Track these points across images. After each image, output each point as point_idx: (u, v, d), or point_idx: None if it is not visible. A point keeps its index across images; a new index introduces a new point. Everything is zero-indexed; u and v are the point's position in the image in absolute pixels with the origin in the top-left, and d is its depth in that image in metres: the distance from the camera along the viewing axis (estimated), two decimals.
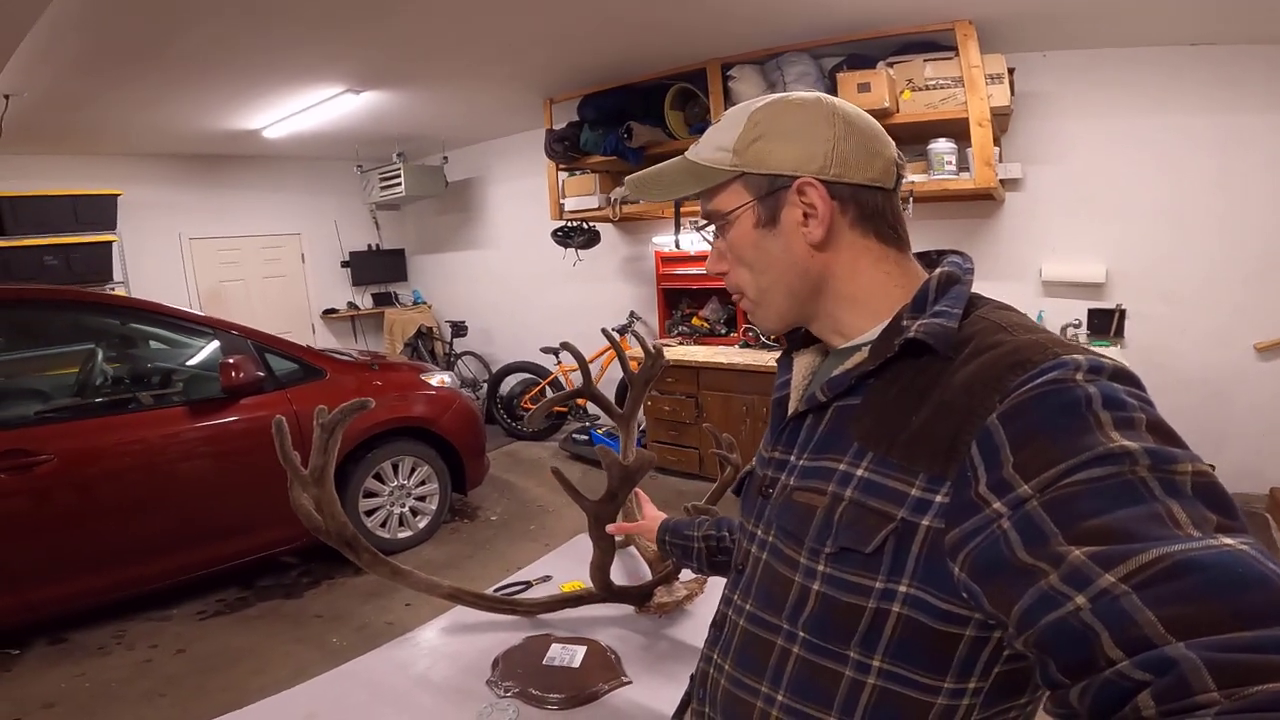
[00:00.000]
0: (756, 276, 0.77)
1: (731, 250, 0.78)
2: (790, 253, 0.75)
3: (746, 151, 0.74)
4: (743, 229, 0.76)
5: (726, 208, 0.76)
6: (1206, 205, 3.58)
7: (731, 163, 0.74)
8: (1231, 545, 0.45)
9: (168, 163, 6.10)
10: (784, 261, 0.75)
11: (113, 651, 2.97)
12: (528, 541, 3.91)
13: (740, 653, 0.77)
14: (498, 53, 3.99)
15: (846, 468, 0.68)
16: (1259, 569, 0.43)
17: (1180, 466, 0.51)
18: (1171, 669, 0.41)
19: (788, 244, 0.74)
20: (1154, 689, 0.41)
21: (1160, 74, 3.58)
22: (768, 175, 0.73)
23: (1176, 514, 0.48)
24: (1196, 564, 0.44)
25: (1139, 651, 0.43)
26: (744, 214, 0.75)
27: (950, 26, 3.48)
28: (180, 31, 3.20)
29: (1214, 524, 0.47)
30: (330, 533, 1.37)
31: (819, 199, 0.72)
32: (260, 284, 6.85)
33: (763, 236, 0.75)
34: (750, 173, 0.74)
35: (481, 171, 6.86)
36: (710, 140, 0.77)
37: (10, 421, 2.91)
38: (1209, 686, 0.39)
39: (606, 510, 1.36)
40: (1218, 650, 0.40)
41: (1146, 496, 0.49)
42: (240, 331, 3.46)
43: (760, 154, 0.73)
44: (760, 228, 0.75)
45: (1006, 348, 0.62)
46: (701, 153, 0.77)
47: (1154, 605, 0.44)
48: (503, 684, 1.29)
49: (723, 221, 0.77)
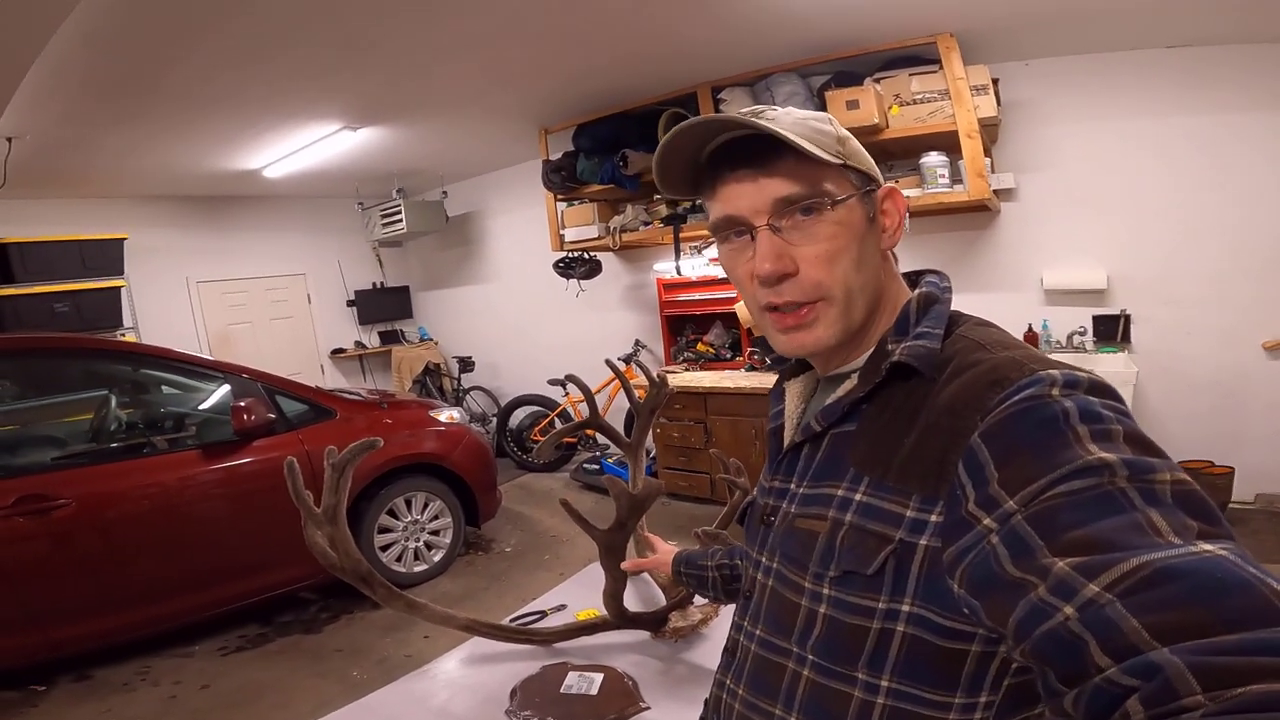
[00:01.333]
0: (856, 273, 0.72)
1: (828, 241, 0.71)
2: (877, 255, 0.75)
3: (846, 145, 0.73)
4: (854, 218, 0.72)
5: (840, 193, 0.72)
6: (1206, 205, 3.58)
7: (837, 151, 0.72)
8: (1212, 551, 0.46)
9: (171, 205, 6.17)
10: (874, 263, 0.74)
11: (138, 688, 3.00)
12: (542, 572, 3.91)
13: (752, 677, 0.78)
14: (491, 84, 4.05)
15: (845, 493, 0.70)
16: (1240, 574, 0.44)
17: (1159, 476, 0.52)
18: (1157, 674, 0.42)
19: (877, 245, 0.75)
20: (1141, 694, 0.42)
21: (1141, 77, 3.61)
22: (866, 173, 0.74)
23: (1157, 522, 0.49)
24: (1178, 571, 0.45)
25: (1126, 658, 0.44)
26: (854, 204, 0.72)
27: (933, 40, 3.54)
28: (173, 67, 3.24)
29: (1195, 531, 0.48)
30: (345, 569, 1.39)
31: (901, 209, 0.74)
32: (268, 325, 6.90)
33: (867, 233, 0.73)
34: (854, 166, 0.73)
35: (480, 205, 6.93)
36: (804, 122, 0.71)
37: (28, 468, 2.98)
38: (1194, 690, 0.40)
39: (616, 539, 1.38)
40: (1201, 654, 0.41)
41: (1127, 506, 0.50)
42: (250, 375, 3.50)
43: (855, 152, 0.74)
44: (866, 222, 0.73)
45: (984, 366, 0.64)
46: (797, 131, 0.69)
47: (1138, 612, 0.45)
48: (521, 714, 1.30)
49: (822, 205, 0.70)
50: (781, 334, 0.75)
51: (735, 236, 0.75)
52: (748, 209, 0.72)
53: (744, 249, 0.74)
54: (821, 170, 0.71)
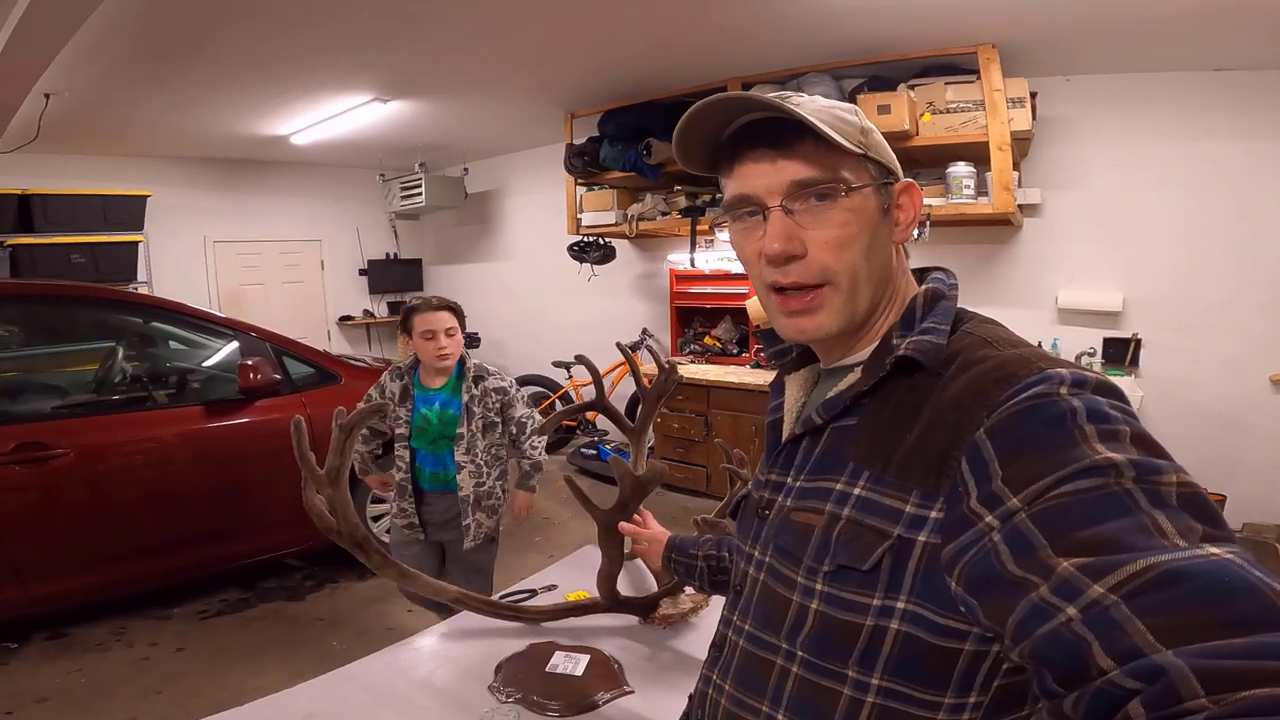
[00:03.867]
0: (864, 262, 0.72)
1: (840, 227, 0.71)
2: (888, 248, 0.75)
3: (869, 137, 0.73)
4: (868, 207, 0.72)
5: (856, 181, 0.72)
6: (1226, 234, 3.55)
7: (859, 141, 0.72)
8: (1218, 554, 0.46)
9: (196, 166, 6.23)
10: (884, 254, 0.75)
11: (111, 648, 2.98)
12: (533, 553, 3.91)
13: (740, 673, 0.77)
14: (523, 64, 4.04)
15: (844, 487, 0.69)
16: (1245, 577, 0.44)
17: (1165, 478, 0.51)
18: (1160, 677, 0.41)
19: (889, 237, 0.75)
20: (1144, 697, 0.42)
21: (1183, 99, 3.57)
22: (885, 165, 0.74)
23: (1163, 524, 0.49)
24: (1184, 573, 0.45)
25: (1129, 660, 0.44)
26: (870, 194, 0.73)
27: (973, 50, 3.49)
28: (219, 32, 3.27)
29: (1200, 534, 0.48)
30: (343, 534, 1.39)
31: (916, 204, 0.74)
32: (279, 288, 6.94)
33: (879, 223, 0.73)
34: (874, 158, 0.73)
35: (500, 184, 6.93)
36: (829, 110, 0.72)
37: (30, 415, 2.96)
38: (1197, 693, 0.40)
39: (617, 520, 1.37)
40: (1205, 657, 0.41)
41: (1133, 508, 0.50)
42: (259, 334, 3.49)
43: (877, 145, 0.74)
44: (879, 213, 0.74)
45: (992, 363, 0.63)
46: (821, 117, 0.70)
47: (1142, 614, 0.44)
48: (504, 690, 1.30)
49: (838, 191, 0.70)
50: (786, 317, 0.75)
51: (748, 216, 0.75)
52: (763, 189, 0.72)
53: (755, 228, 0.74)
54: (841, 158, 0.71)
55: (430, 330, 2.39)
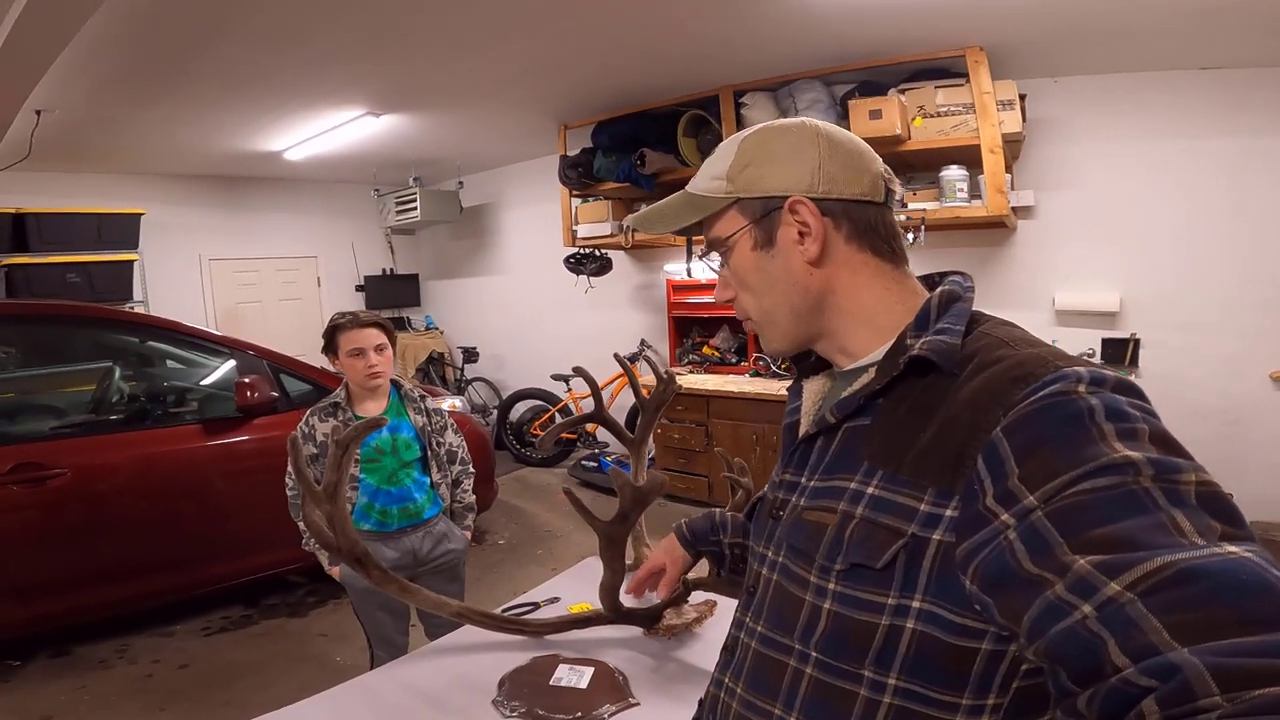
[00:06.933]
0: (759, 298, 0.79)
1: (735, 275, 0.80)
2: (790, 272, 0.76)
3: (739, 178, 0.77)
4: (742, 253, 0.78)
5: (725, 233, 0.79)
6: (1222, 232, 3.56)
7: (726, 190, 0.77)
8: (1236, 553, 0.46)
9: (190, 183, 6.23)
10: (785, 281, 0.77)
11: (115, 665, 2.97)
12: (535, 566, 3.89)
13: (752, 675, 0.77)
14: (514, 76, 4.05)
15: (857, 486, 0.69)
16: (1263, 576, 0.44)
17: (1184, 476, 0.51)
18: (1175, 674, 0.41)
19: (786, 263, 0.76)
20: (1158, 694, 0.42)
21: (1172, 98, 3.59)
22: (760, 198, 0.76)
23: (1181, 523, 0.48)
24: (1201, 571, 0.45)
25: (1144, 658, 0.44)
26: (742, 238, 0.78)
27: (961, 53, 3.51)
28: (208, 48, 3.27)
29: (1218, 532, 0.48)
30: (341, 549, 1.38)
31: (810, 215, 0.74)
32: (276, 306, 6.93)
33: (761, 258, 0.77)
34: (744, 197, 0.77)
35: (495, 197, 6.94)
36: (705, 171, 0.81)
37: (28, 435, 2.96)
38: (1212, 691, 0.40)
39: (618, 531, 1.36)
40: (1221, 655, 0.41)
41: (1150, 506, 0.50)
42: (256, 352, 3.49)
43: (751, 179, 0.76)
44: (758, 250, 0.77)
45: (1009, 362, 0.62)
46: (699, 184, 0.81)
47: (1159, 612, 0.44)
48: (509, 704, 1.28)
49: (724, 248, 0.80)
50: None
51: None
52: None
53: None
54: (717, 216, 0.80)
55: (358, 348, 2.14)
